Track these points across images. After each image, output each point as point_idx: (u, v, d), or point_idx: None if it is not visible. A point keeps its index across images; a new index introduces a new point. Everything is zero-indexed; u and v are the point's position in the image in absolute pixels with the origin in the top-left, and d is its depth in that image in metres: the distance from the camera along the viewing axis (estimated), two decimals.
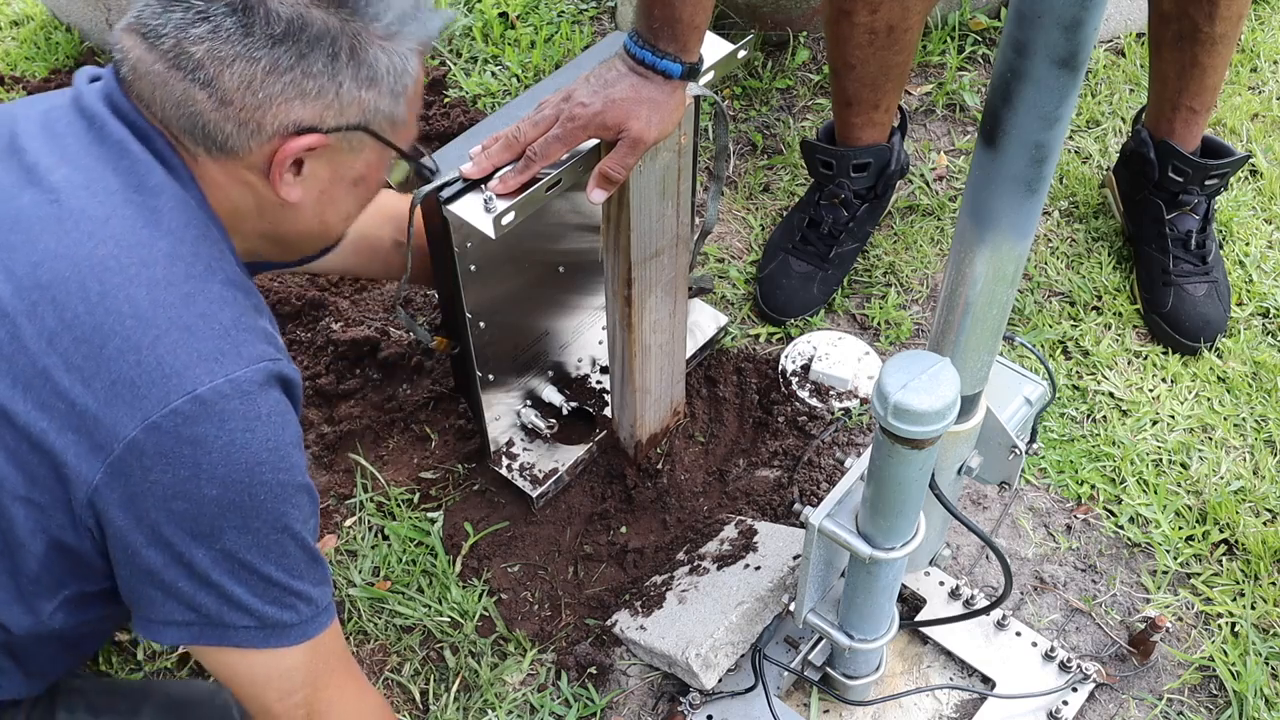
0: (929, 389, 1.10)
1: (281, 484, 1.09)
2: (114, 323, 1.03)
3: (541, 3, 2.76)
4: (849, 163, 2.14)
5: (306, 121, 1.11)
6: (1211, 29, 1.96)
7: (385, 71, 1.14)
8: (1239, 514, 1.88)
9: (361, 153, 1.18)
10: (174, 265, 1.07)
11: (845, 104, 2.10)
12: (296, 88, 1.09)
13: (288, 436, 1.10)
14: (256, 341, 1.09)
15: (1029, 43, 0.92)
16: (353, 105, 1.13)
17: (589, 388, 1.97)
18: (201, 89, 1.08)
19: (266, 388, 1.08)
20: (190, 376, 1.03)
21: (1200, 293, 2.12)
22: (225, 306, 1.08)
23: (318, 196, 1.19)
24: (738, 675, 1.68)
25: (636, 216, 1.52)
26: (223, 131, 1.10)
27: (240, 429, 1.05)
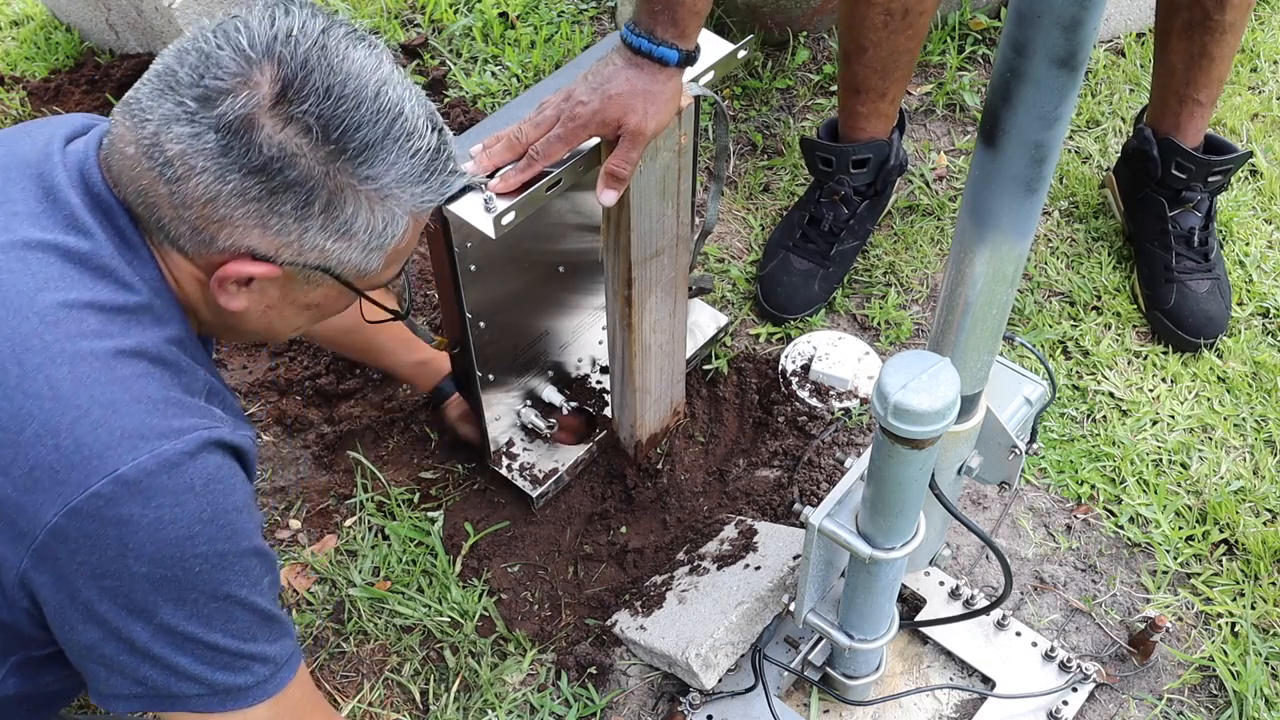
0: (929, 389, 1.10)
1: (220, 554, 1.05)
2: (32, 406, 0.99)
3: (541, 3, 2.76)
4: (849, 159, 2.14)
5: (260, 250, 1.08)
6: (1222, 17, 1.96)
7: (362, 228, 1.10)
8: (1239, 514, 1.88)
9: (319, 286, 1.14)
10: (101, 340, 1.03)
11: (853, 91, 2.10)
12: (258, 219, 1.06)
13: (229, 503, 1.06)
14: (186, 414, 1.05)
15: (1029, 43, 0.92)
16: (314, 250, 1.09)
17: (589, 388, 1.97)
18: (165, 185, 1.05)
19: (200, 457, 1.03)
20: (111, 456, 0.99)
21: (1203, 289, 2.11)
22: (153, 381, 1.05)
23: (264, 310, 1.16)
24: (738, 675, 1.68)
25: (636, 216, 1.52)
26: (176, 229, 1.07)
27: (169, 504, 1.01)
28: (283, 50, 1.04)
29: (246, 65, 1.03)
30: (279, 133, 1.03)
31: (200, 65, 1.04)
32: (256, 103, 1.03)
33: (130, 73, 2.57)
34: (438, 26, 2.72)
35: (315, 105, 1.04)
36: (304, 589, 1.81)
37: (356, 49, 1.08)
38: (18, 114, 2.57)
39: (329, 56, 1.05)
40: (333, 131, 1.05)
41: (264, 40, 1.04)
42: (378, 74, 1.08)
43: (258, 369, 2.08)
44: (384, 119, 1.07)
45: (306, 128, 1.04)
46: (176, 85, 1.04)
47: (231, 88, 1.03)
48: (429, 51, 2.65)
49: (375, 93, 1.07)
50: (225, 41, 1.04)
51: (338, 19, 1.09)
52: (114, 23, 2.62)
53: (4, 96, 2.62)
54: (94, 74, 2.63)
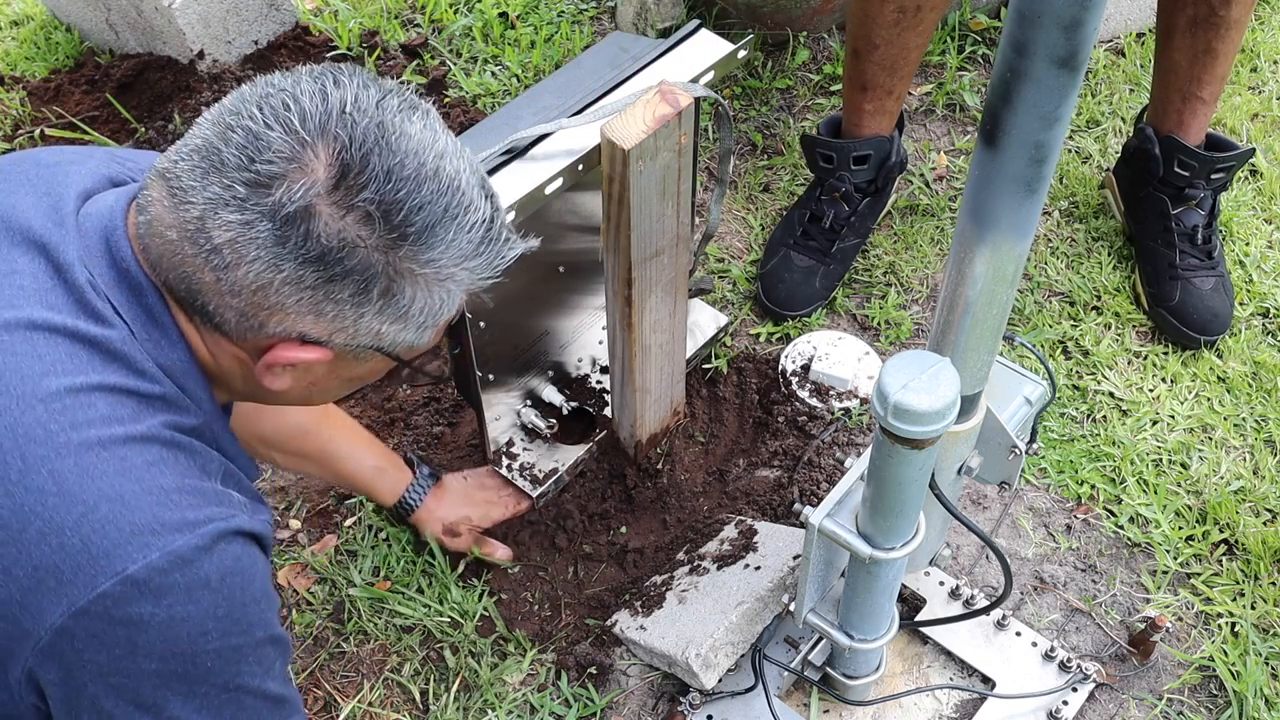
0: (929, 389, 1.10)
1: (234, 648, 1.02)
2: (35, 502, 0.94)
3: (541, 3, 2.76)
4: (849, 155, 2.14)
5: (312, 335, 1.04)
6: (1227, 12, 1.96)
7: (418, 311, 1.06)
8: (1239, 514, 1.88)
9: (367, 363, 1.11)
10: (110, 427, 0.98)
11: (860, 88, 2.10)
12: (312, 306, 1.01)
13: (248, 594, 1.02)
14: (203, 504, 1.00)
15: (1029, 43, 0.92)
16: (368, 334, 1.05)
17: (589, 388, 1.97)
18: (212, 271, 1.00)
19: (216, 550, 0.99)
20: (120, 555, 0.95)
21: (1208, 286, 2.11)
22: (166, 469, 1.00)
23: (308, 387, 1.13)
24: (738, 675, 1.68)
25: (636, 216, 1.52)
26: (221, 315, 1.03)
27: (181, 602, 0.97)
28: (338, 129, 0.98)
29: (299, 147, 0.97)
30: (337, 221, 0.98)
31: (248, 146, 0.98)
32: (313, 190, 0.97)
33: (130, 73, 2.57)
34: (438, 26, 2.72)
35: (375, 190, 0.98)
36: (304, 589, 1.81)
37: (412, 121, 1.02)
38: (18, 114, 2.57)
39: (386, 134, 0.99)
40: (393, 217, 0.99)
41: (317, 118, 0.98)
42: (435, 147, 1.02)
43: None
44: (443, 197, 1.02)
45: (366, 215, 0.99)
46: (222, 166, 0.98)
47: (284, 172, 0.97)
48: (429, 51, 2.65)
49: (434, 170, 1.01)
50: (274, 120, 0.98)
51: (389, 86, 1.04)
52: (114, 23, 2.62)
53: (4, 96, 2.62)
54: (94, 74, 2.63)
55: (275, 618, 1.08)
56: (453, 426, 2.00)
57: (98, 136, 2.46)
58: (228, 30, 2.53)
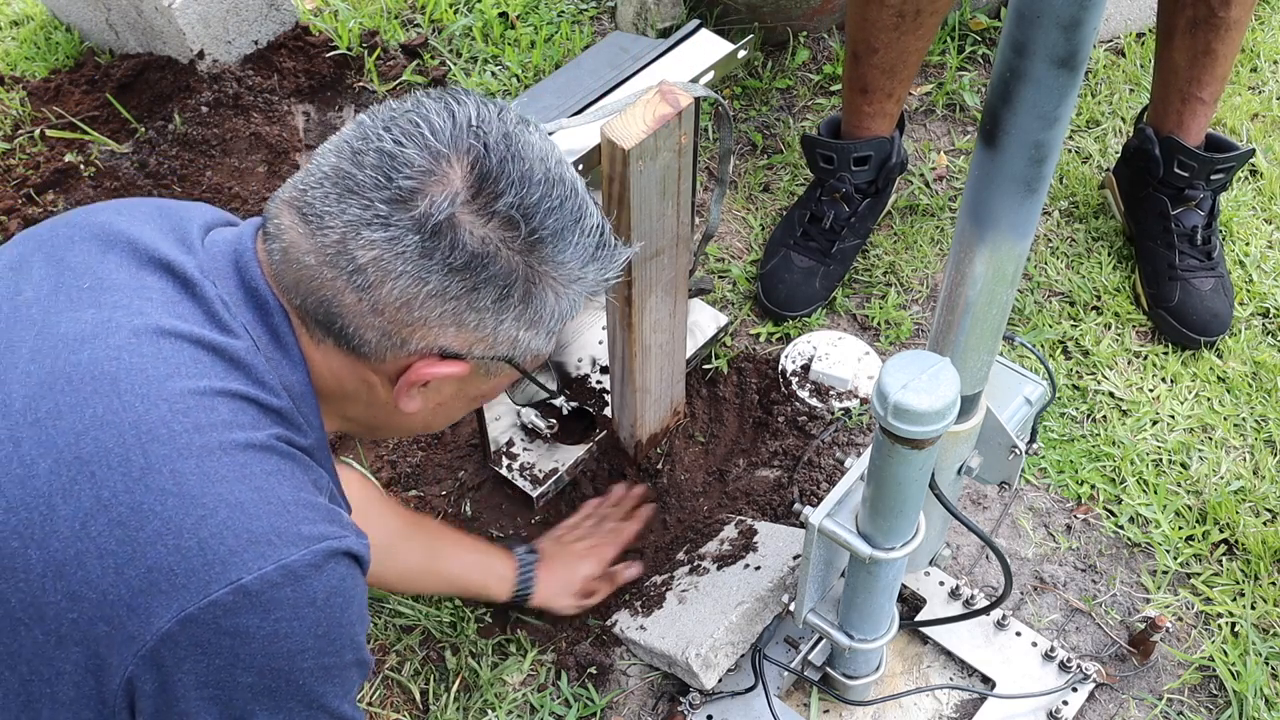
0: (929, 389, 1.10)
1: (325, 668, 1.02)
2: (154, 501, 0.94)
3: (541, 3, 2.76)
4: (849, 156, 2.14)
5: (453, 348, 1.06)
6: (1226, 13, 1.96)
7: (550, 315, 1.09)
8: (1239, 514, 1.88)
9: (495, 378, 1.14)
10: (233, 432, 0.98)
11: (860, 91, 2.10)
12: (454, 317, 1.04)
13: (347, 616, 1.02)
14: (317, 520, 1.01)
15: (1029, 43, 0.92)
16: (505, 342, 1.08)
17: (589, 388, 1.97)
18: (354, 292, 1.02)
19: (326, 569, 0.99)
20: (235, 563, 0.94)
21: (1207, 287, 2.11)
22: (284, 480, 1.00)
23: (434, 408, 1.15)
24: (738, 675, 1.68)
25: (636, 216, 1.52)
26: (362, 336, 1.04)
27: (287, 618, 0.97)
28: (471, 140, 1.01)
29: (435, 160, 1.00)
30: (481, 228, 1.01)
31: (383, 165, 1.00)
32: (456, 199, 1.00)
33: (130, 73, 2.57)
34: (438, 26, 2.72)
35: (513, 195, 1.02)
36: None
37: (530, 132, 1.06)
38: (18, 114, 2.57)
39: (513, 143, 1.03)
40: (531, 220, 1.03)
41: (448, 132, 1.01)
42: (555, 155, 1.07)
43: None
44: (568, 201, 1.06)
45: (508, 220, 1.02)
46: (358, 188, 1.00)
47: (424, 186, 1.00)
48: (429, 51, 2.65)
49: (559, 176, 1.06)
50: (406, 138, 1.01)
51: (501, 103, 1.07)
52: (114, 23, 2.62)
53: (4, 96, 2.62)
54: (94, 74, 2.63)
55: (365, 640, 1.08)
56: (453, 426, 2.00)
57: (98, 136, 2.46)
58: (228, 30, 2.53)
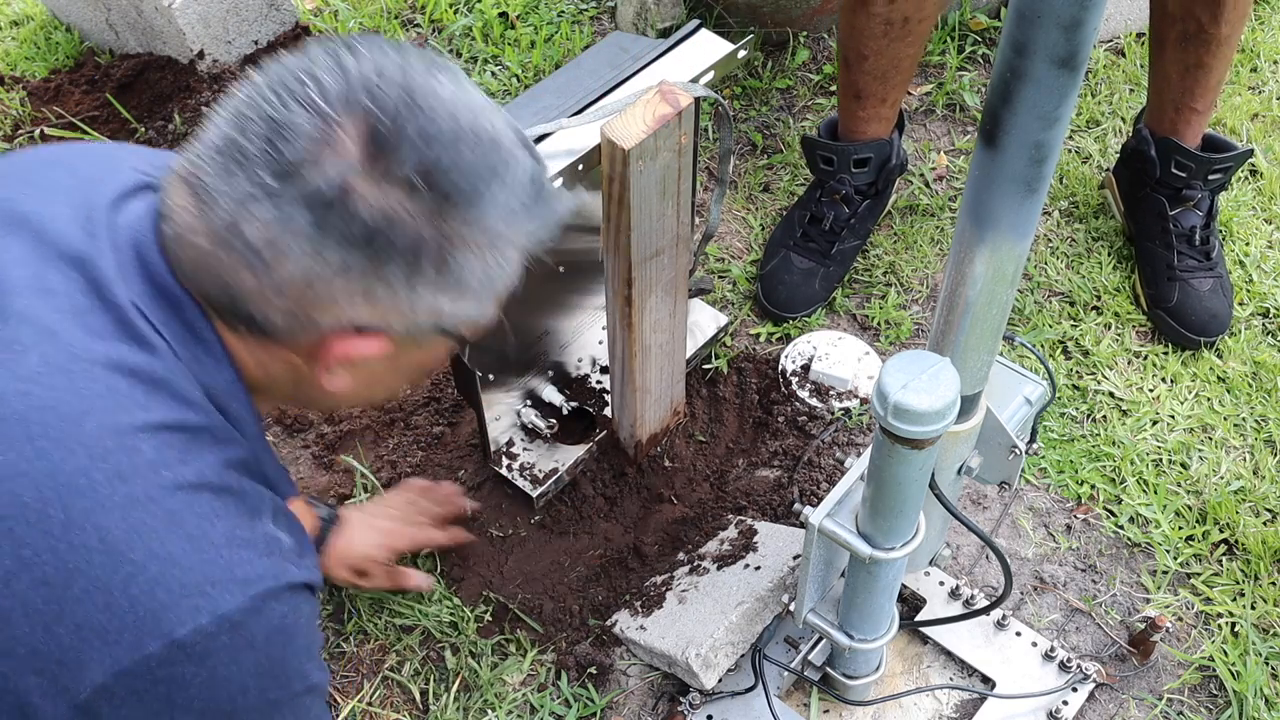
0: (929, 389, 1.10)
1: (271, 703, 0.98)
2: (79, 560, 0.89)
3: (541, 3, 2.76)
4: (850, 158, 2.14)
5: (368, 323, 0.98)
6: (1216, 30, 1.96)
7: (475, 279, 1.00)
8: (1239, 514, 1.88)
9: (429, 347, 1.07)
10: (158, 473, 0.92)
11: (854, 97, 2.10)
12: (364, 292, 0.96)
13: (289, 651, 0.98)
14: (255, 558, 0.96)
15: (1029, 43, 0.92)
16: (427, 314, 1.00)
17: (589, 388, 1.97)
18: (252, 274, 0.94)
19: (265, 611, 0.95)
20: (168, 618, 0.90)
21: (1206, 287, 2.11)
22: (217, 521, 0.95)
23: (368, 383, 1.08)
24: (738, 675, 1.68)
25: (636, 216, 1.52)
26: (268, 319, 0.97)
27: (225, 663, 0.93)
28: (365, 100, 0.92)
29: (326, 125, 0.91)
30: (379, 197, 0.92)
31: (271, 134, 0.91)
32: (348, 168, 0.92)
33: (130, 73, 2.57)
34: (438, 26, 2.72)
35: (415, 156, 0.93)
36: None
37: (440, 81, 0.96)
38: (18, 114, 2.57)
39: (416, 96, 0.93)
40: (435, 181, 0.94)
41: (338, 91, 0.92)
42: (468, 104, 0.96)
43: None
44: (484, 155, 0.96)
45: (408, 184, 0.93)
46: (246, 160, 0.92)
47: (314, 156, 0.91)
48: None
49: (471, 127, 0.96)
50: (294, 100, 0.92)
51: (406, 46, 0.97)
52: (114, 23, 2.62)
53: (4, 96, 2.62)
54: (94, 74, 2.63)
55: (315, 665, 1.04)
56: (453, 426, 2.00)
57: (98, 136, 2.46)
58: (228, 30, 2.53)
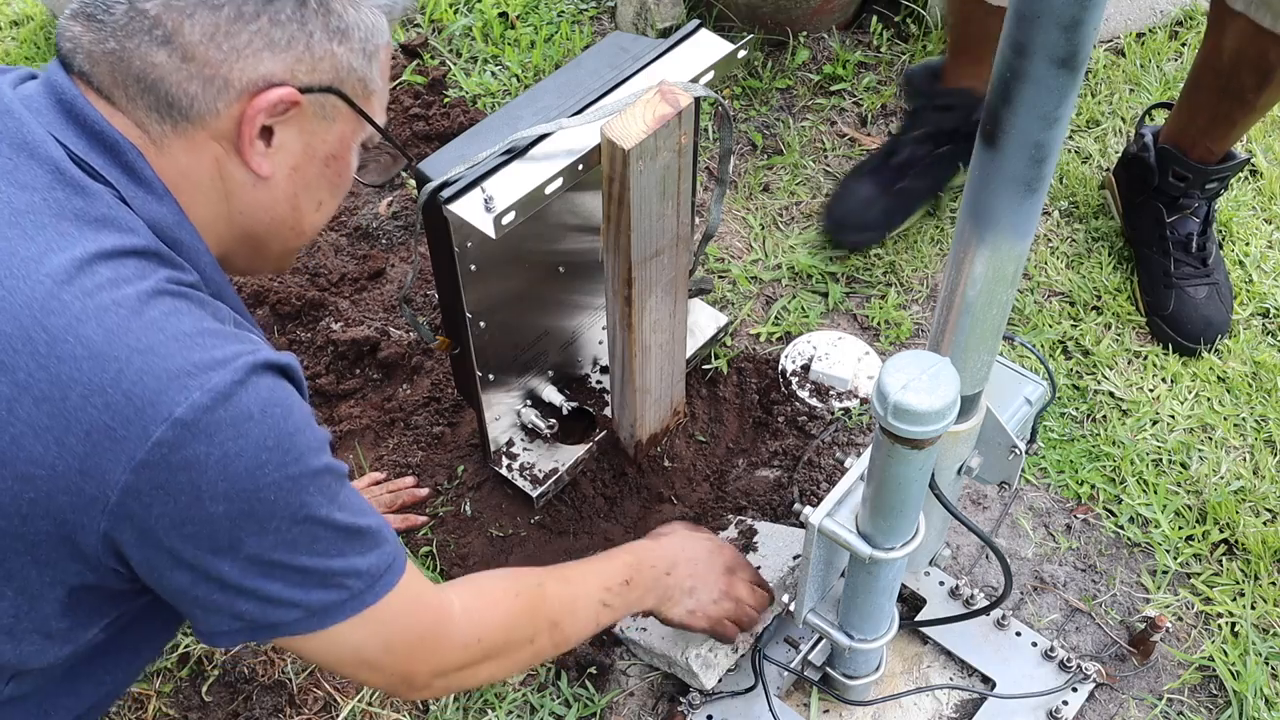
0: (929, 389, 1.10)
1: (292, 478, 1.03)
2: (70, 370, 0.96)
3: (541, 3, 2.76)
4: (937, 101, 2.18)
5: (278, 76, 1.06)
6: (1256, 98, 1.98)
7: (355, 25, 1.10)
8: (1239, 514, 1.88)
9: (335, 123, 1.14)
10: (120, 288, 0.99)
11: (954, 48, 2.19)
12: (264, 37, 1.04)
13: (291, 423, 1.03)
14: (225, 342, 1.02)
15: (1029, 43, 0.92)
16: (325, 59, 1.09)
17: (589, 388, 1.98)
18: (161, 47, 1.03)
19: (250, 383, 1.01)
20: (164, 401, 0.96)
21: (1201, 295, 2.12)
22: (183, 316, 1.01)
23: (289, 173, 1.14)
24: (738, 675, 1.68)
25: (636, 216, 1.52)
26: (187, 94, 1.04)
27: (231, 437, 0.99)
28: None
29: None
30: None
31: None
32: None
33: None
34: (438, 26, 2.72)
35: None
36: None
37: None
38: None
39: None
40: None
41: None
42: None
43: None
44: None
45: None
46: None
47: None
48: (429, 51, 2.65)
49: None
50: None
51: None
52: None
53: None
54: None
55: (326, 450, 1.08)
56: (453, 426, 2.01)
57: None
58: None
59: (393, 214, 2.33)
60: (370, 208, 2.34)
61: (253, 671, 1.71)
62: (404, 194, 2.35)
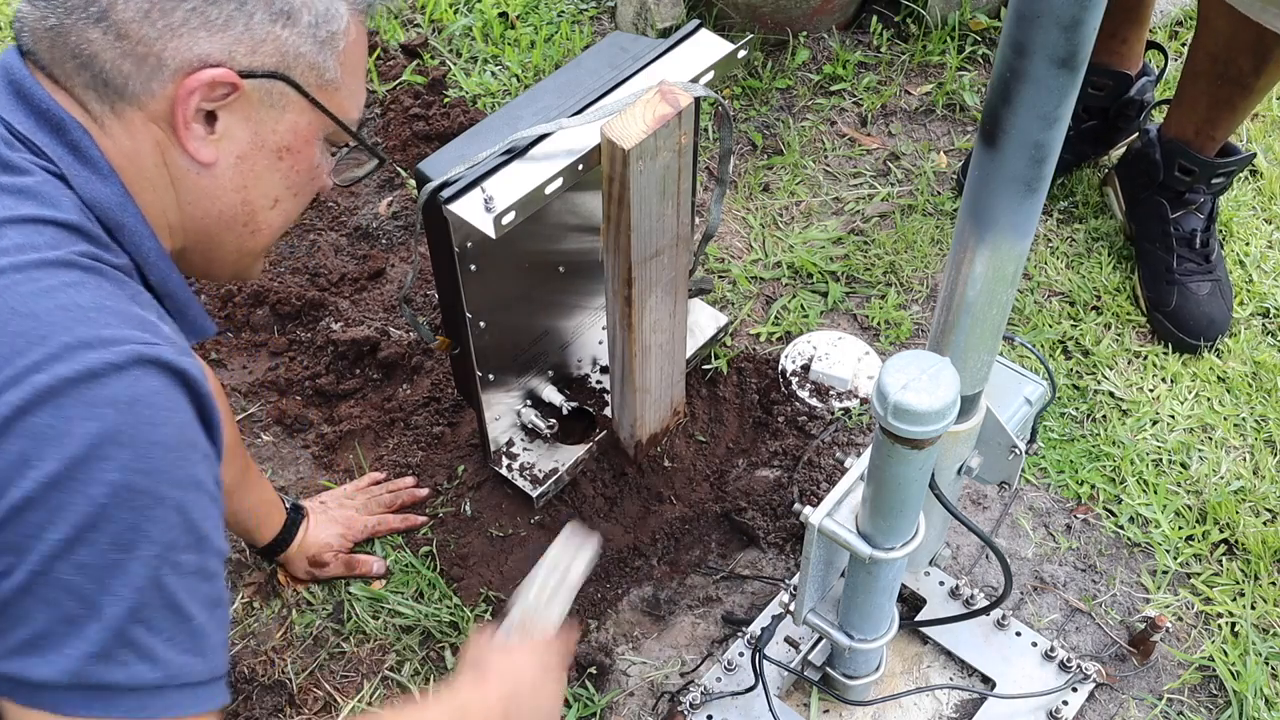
0: (929, 389, 1.10)
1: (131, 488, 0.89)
2: None
3: (541, 3, 2.76)
4: (1088, 77, 2.19)
5: (213, 57, 1.00)
6: (1255, 80, 1.98)
7: (303, 8, 1.04)
8: (1239, 514, 1.88)
9: (285, 112, 1.07)
10: (24, 253, 0.93)
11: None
12: (200, 16, 0.99)
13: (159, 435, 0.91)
14: (121, 324, 0.93)
15: (1028, 43, 0.92)
16: (267, 42, 1.03)
17: (589, 388, 1.98)
18: (96, 25, 0.99)
19: (129, 372, 0.90)
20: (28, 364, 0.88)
21: (1204, 291, 2.12)
22: (84, 290, 0.93)
23: (235, 162, 1.07)
24: (738, 675, 1.68)
25: (636, 216, 1.52)
26: (121, 72, 1.00)
27: (80, 416, 0.88)
28: None
29: None
30: None
31: None
32: None
33: None
34: (438, 26, 2.72)
35: None
36: (304, 588, 1.81)
37: None
38: None
39: None
40: None
41: None
42: None
43: (258, 369, 2.08)
44: None
45: None
46: None
47: None
48: (429, 51, 2.65)
49: None
50: None
51: None
52: None
53: None
54: None
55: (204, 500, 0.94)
56: (453, 426, 2.01)
57: None
58: None
59: (393, 214, 2.33)
60: (370, 208, 2.34)
61: (253, 671, 1.71)
62: (404, 194, 2.35)
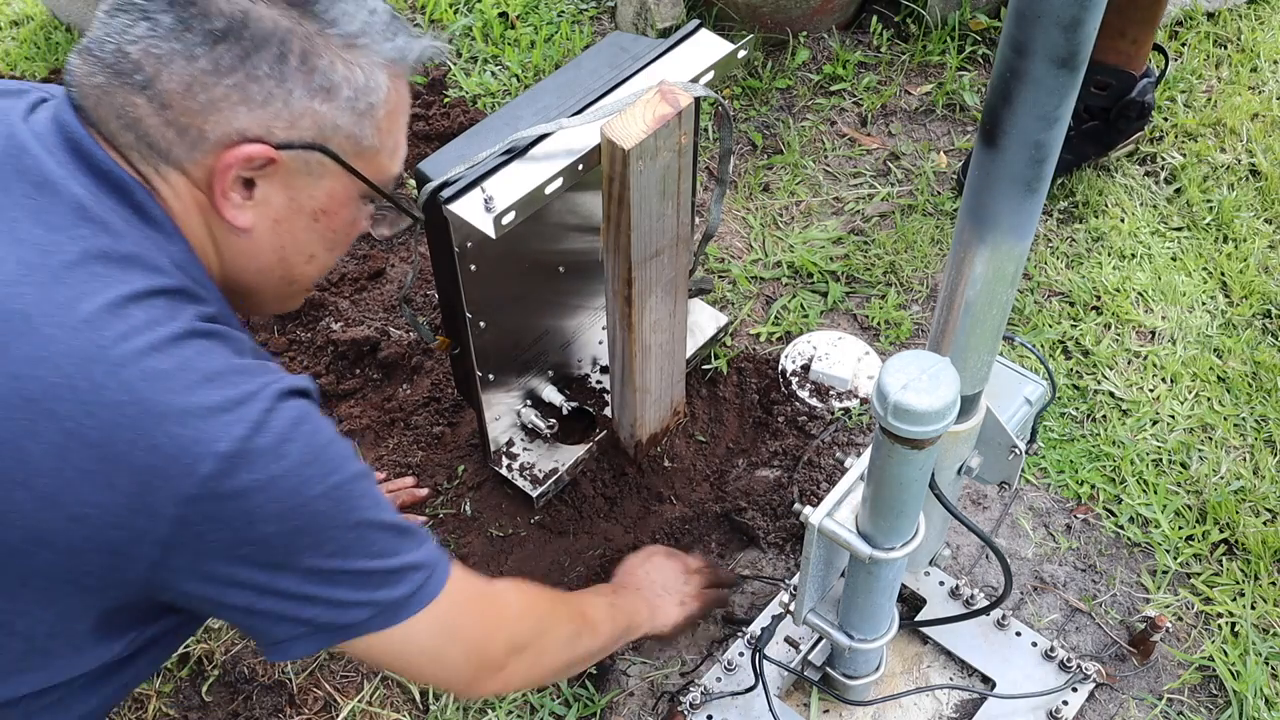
0: (929, 389, 1.10)
1: (334, 487, 1.06)
2: (114, 415, 0.98)
3: (541, 3, 2.76)
4: (1091, 76, 2.20)
5: (252, 131, 1.05)
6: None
7: (343, 82, 1.08)
8: (1239, 514, 1.88)
9: (322, 179, 1.12)
10: (154, 330, 1.01)
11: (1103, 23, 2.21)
12: (240, 92, 1.04)
13: (322, 436, 1.06)
14: (254, 375, 1.05)
15: (1028, 43, 0.92)
16: (305, 117, 1.07)
17: (589, 388, 1.98)
18: (140, 93, 1.03)
19: (278, 409, 1.03)
20: (207, 438, 0.99)
21: None
22: (214, 356, 1.04)
23: (272, 225, 1.13)
24: (738, 675, 1.68)
25: (636, 216, 1.52)
26: (165, 139, 1.05)
27: (272, 461, 1.01)
28: None
29: None
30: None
31: None
32: None
33: None
34: (438, 26, 2.72)
35: None
36: None
37: None
38: None
39: None
40: None
41: None
42: None
43: None
44: None
45: None
46: (130, 5, 1.04)
47: None
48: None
49: None
50: None
51: None
52: None
53: None
54: None
55: (358, 458, 1.11)
56: (453, 426, 2.01)
57: None
58: None
59: None
60: None
61: (253, 671, 1.71)
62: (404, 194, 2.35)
